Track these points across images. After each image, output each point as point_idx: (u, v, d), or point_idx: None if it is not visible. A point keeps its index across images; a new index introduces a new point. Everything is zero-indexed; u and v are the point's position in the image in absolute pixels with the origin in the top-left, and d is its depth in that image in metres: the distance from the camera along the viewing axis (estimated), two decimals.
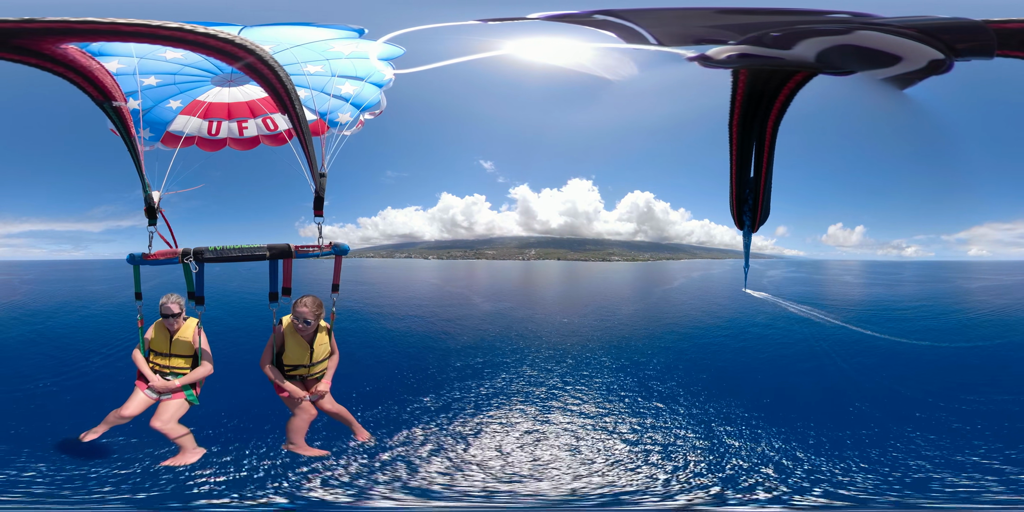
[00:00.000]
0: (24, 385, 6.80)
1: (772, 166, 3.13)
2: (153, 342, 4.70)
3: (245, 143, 5.09)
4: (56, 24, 2.94)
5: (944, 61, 2.68)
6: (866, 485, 4.51)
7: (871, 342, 10.14)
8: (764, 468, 4.78)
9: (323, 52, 4.78)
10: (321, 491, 4.31)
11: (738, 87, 2.91)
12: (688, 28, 3.14)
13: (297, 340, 4.63)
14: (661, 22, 3.21)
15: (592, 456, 5.03)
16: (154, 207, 4.25)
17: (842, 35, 2.71)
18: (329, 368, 4.84)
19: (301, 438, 4.70)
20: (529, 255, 30.11)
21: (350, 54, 4.83)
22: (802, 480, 4.59)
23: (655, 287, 20.31)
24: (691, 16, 3.14)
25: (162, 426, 4.47)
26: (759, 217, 3.34)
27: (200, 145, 5.01)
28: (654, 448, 5.17)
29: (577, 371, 7.80)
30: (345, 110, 4.79)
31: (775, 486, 4.48)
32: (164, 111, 4.85)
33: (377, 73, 4.87)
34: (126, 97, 4.31)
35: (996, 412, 6.14)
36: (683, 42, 3.14)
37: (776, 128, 2.98)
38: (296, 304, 4.53)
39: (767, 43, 2.79)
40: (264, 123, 5.04)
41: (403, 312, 13.65)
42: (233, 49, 3.26)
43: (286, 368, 4.70)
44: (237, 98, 4.98)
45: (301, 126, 3.89)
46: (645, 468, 4.81)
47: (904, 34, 2.61)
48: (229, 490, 4.28)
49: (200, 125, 4.93)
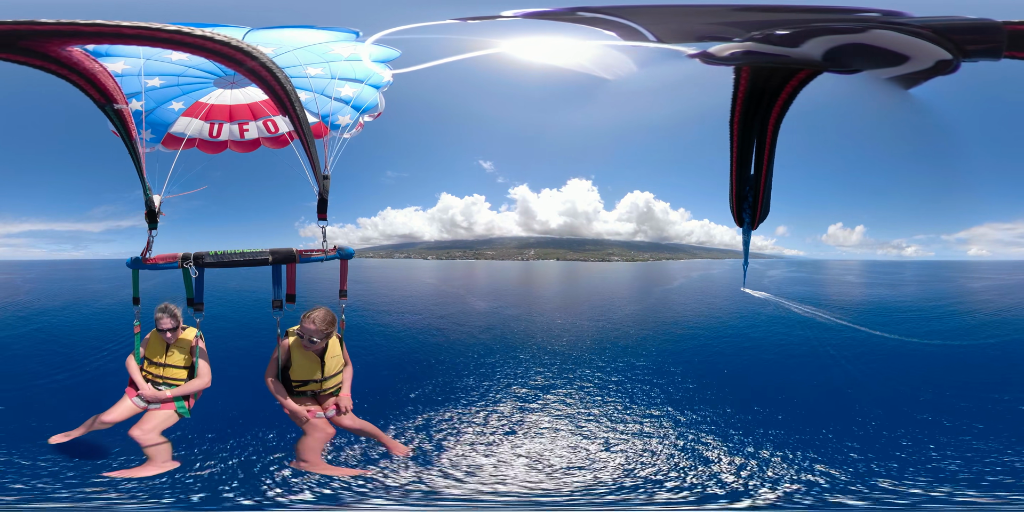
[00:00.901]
0: (36, 381, 6.94)
1: (773, 164, 3.11)
2: (148, 350, 4.50)
3: (246, 145, 5.10)
4: (63, 26, 2.97)
5: (951, 62, 2.67)
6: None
7: (889, 345, 10.01)
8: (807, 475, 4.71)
9: (323, 54, 4.80)
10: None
11: (740, 84, 2.89)
12: (693, 25, 3.11)
13: (305, 353, 4.31)
14: (662, 19, 3.18)
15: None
16: (155, 211, 4.18)
17: (855, 34, 2.69)
18: (345, 381, 4.48)
19: (316, 456, 4.28)
20: (528, 255, 30.20)
21: (348, 56, 4.84)
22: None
23: (654, 287, 20.38)
24: (700, 13, 3.11)
25: (140, 435, 4.21)
26: (759, 215, 3.31)
27: (201, 147, 5.02)
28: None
29: (564, 374, 7.71)
30: (345, 113, 4.81)
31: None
32: (166, 113, 4.85)
33: (375, 75, 4.87)
34: (129, 98, 4.35)
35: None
36: (686, 39, 3.10)
37: (777, 126, 2.97)
38: (303, 319, 4.21)
39: (773, 41, 2.77)
40: (265, 125, 5.05)
41: (397, 311, 13.69)
42: (230, 52, 3.27)
43: (295, 384, 4.35)
44: (239, 100, 5.01)
45: (303, 128, 3.88)
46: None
47: (919, 34, 2.60)
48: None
49: (201, 127, 4.93)
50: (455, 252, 29.85)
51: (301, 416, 4.25)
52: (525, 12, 3.64)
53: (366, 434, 4.53)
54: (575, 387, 7.08)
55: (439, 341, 10.12)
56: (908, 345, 9.91)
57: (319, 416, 4.31)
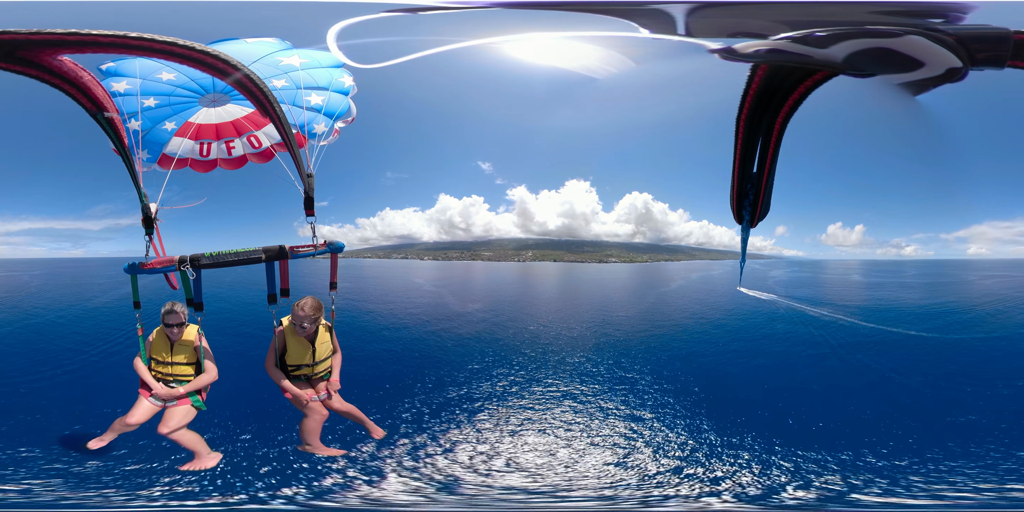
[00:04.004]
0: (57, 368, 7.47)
1: (776, 163, 3.10)
2: (154, 349, 4.71)
3: (234, 163, 5.36)
4: (53, 36, 3.05)
5: (961, 69, 2.68)
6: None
7: (929, 344, 9.89)
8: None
9: (277, 66, 4.91)
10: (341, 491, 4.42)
11: (753, 81, 2.85)
12: (740, 21, 3.10)
13: (298, 340, 4.73)
14: (710, 13, 3.14)
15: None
16: (151, 217, 4.35)
17: (891, 38, 2.69)
18: (334, 366, 4.91)
19: (316, 439, 4.77)
20: (526, 256, 30.51)
21: (302, 65, 4.97)
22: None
23: (649, 290, 20.51)
24: (763, 10, 3.03)
25: (169, 432, 4.53)
26: (759, 212, 3.35)
27: (193, 166, 5.30)
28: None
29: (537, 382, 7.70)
30: (319, 121, 4.96)
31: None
32: (160, 132, 5.10)
33: (336, 81, 5.02)
34: (129, 118, 4.68)
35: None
36: (719, 34, 3.10)
37: (785, 125, 2.95)
38: (294, 307, 4.60)
39: (809, 42, 2.75)
40: (249, 141, 5.30)
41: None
42: (208, 59, 3.35)
43: (289, 368, 4.76)
44: (223, 118, 5.22)
45: (283, 126, 3.95)
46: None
47: (944, 42, 2.61)
48: (245, 490, 4.42)
49: (193, 147, 5.20)
50: (452, 253, 30.12)
51: (302, 399, 4.72)
52: (504, 1, 3.67)
53: (351, 417, 4.99)
54: (540, 395, 7.18)
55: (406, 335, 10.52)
56: (953, 342, 9.92)
57: (314, 399, 4.78)
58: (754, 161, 3.14)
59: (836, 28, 2.74)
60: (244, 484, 4.62)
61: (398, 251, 29.68)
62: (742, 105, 2.92)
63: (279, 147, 5.40)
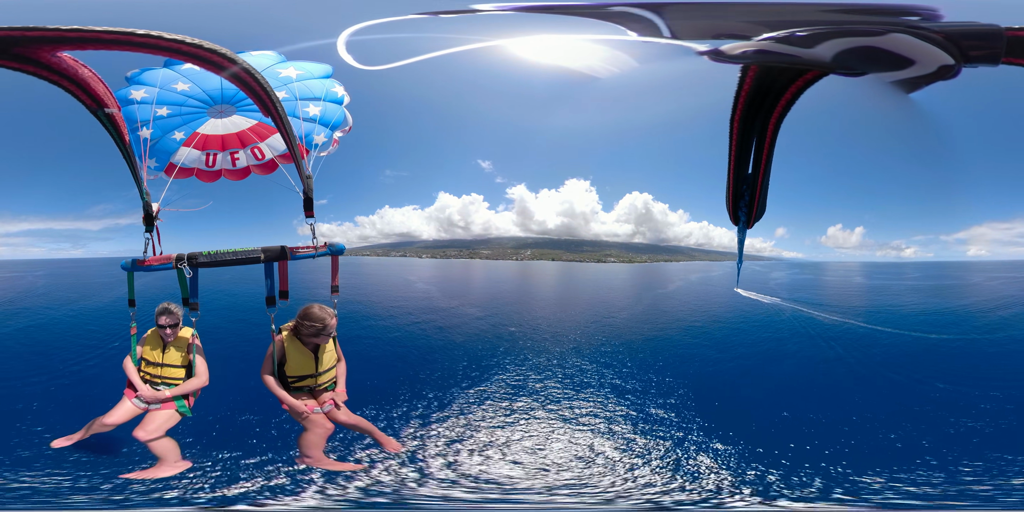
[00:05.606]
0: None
1: (771, 163, 3.12)
2: (145, 350, 4.60)
3: (238, 174, 5.49)
4: (52, 32, 3.04)
5: (953, 67, 2.70)
6: None
7: (955, 346, 9.60)
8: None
9: (276, 77, 5.02)
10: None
11: (745, 82, 2.87)
12: (717, 21, 3.11)
13: (300, 348, 4.49)
14: (689, 14, 3.17)
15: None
16: (152, 215, 4.35)
17: (875, 36, 2.70)
18: (339, 376, 4.64)
19: (319, 452, 4.45)
20: (524, 255, 30.62)
21: (298, 77, 5.08)
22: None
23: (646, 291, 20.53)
24: (732, 10, 3.07)
25: (145, 436, 4.31)
26: (755, 214, 3.36)
27: (199, 176, 5.44)
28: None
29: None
30: (318, 131, 5.08)
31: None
32: (169, 142, 5.23)
33: (329, 91, 5.13)
34: (141, 126, 4.80)
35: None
36: (703, 36, 3.10)
37: (778, 125, 2.97)
38: (312, 318, 4.37)
39: (792, 42, 2.78)
40: (253, 152, 5.43)
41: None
42: (208, 55, 3.38)
43: (290, 379, 4.51)
44: (229, 129, 5.36)
45: (284, 125, 3.98)
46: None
47: (932, 39, 2.62)
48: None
49: (199, 157, 5.32)
50: (451, 251, 30.18)
51: (300, 411, 4.43)
52: (509, 6, 3.66)
53: (360, 430, 4.71)
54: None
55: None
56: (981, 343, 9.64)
57: (316, 411, 4.48)
58: (749, 162, 3.17)
59: (815, 28, 2.78)
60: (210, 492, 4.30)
61: (397, 249, 29.77)
62: (735, 106, 2.96)
63: (282, 159, 5.56)
